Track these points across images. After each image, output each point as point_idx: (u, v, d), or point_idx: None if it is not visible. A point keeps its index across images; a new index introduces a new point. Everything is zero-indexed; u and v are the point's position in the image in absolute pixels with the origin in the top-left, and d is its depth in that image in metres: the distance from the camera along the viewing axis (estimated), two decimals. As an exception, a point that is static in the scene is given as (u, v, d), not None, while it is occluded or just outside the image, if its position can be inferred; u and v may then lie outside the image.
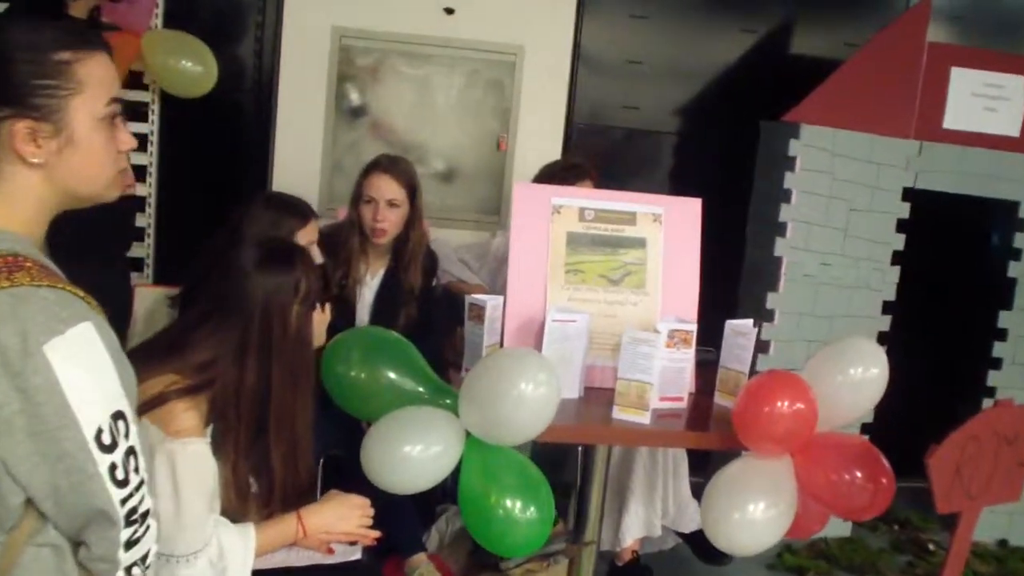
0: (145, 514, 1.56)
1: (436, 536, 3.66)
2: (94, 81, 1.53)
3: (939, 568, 4.26)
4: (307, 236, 2.99)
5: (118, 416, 1.47)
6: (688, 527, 3.74)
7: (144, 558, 1.60)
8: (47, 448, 1.40)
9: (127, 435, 1.49)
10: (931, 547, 4.52)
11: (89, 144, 1.55)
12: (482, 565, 3.34)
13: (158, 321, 3.08)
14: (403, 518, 3.17)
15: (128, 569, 1.57)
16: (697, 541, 3.77)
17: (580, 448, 3.50)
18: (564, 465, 3.71)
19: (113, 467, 1.46)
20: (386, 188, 3.53)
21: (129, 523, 1.52)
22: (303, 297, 2.30)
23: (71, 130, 1.52)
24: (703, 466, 4.09)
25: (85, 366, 1.42)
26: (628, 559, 3.80)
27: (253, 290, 2.24)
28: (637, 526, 3.66)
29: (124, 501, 1.49)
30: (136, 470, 1.51)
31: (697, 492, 3.77)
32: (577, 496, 3.16)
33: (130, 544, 1.54)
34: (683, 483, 3.73)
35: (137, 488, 1.52)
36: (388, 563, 3.19)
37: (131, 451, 1.50)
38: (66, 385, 1.39)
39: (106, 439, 1.45)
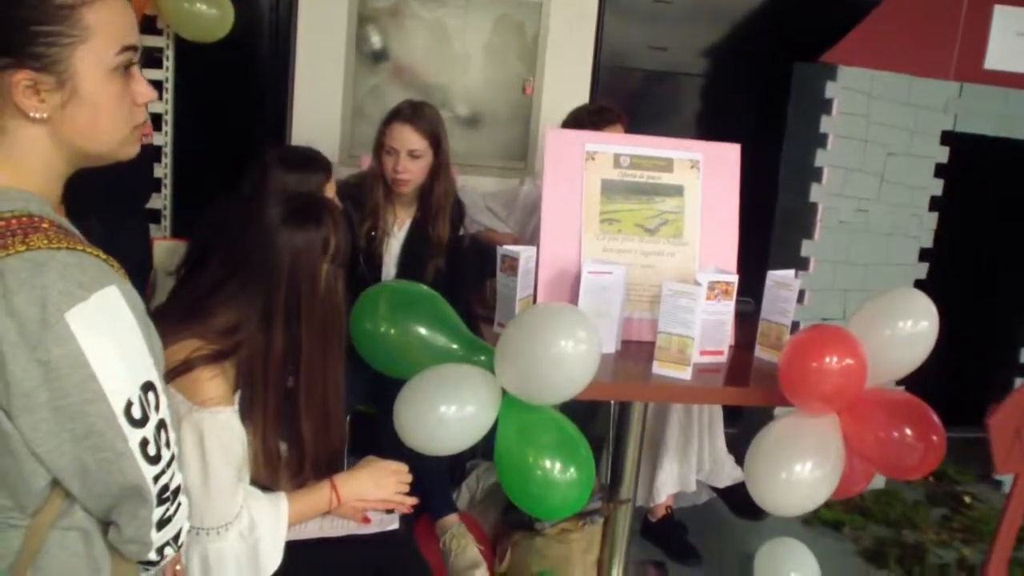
0: (176, 490, 1.47)
1: (466, 493, 3.60)
2: (104, 27, 1.38)
3: (976, 522, 4.24)
4: (331, 190, 2.88)
5: (148, 387, 1.37)
6: (723, 482, 3.67)
7: (176, 537, 1.52)
8: (72, 424, 1.29)
9: (157, 407, 1.39)
10: (967, 500, 4.45)
11: (98, 98, 1.40)
12: (516, 524, 3.28)
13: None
14: (434, 477, 3.10)
15: (160, 549, 1.49)
16: (732, 496, 3.71)
17: (613, 402, 3.42)
18: (594, 418, 3.64)
19: (144, 442, 1.36)
20: (407, 138, 3.40)
21: (161, 501, 1.43)
22: (332, 255, 2.16)
23: (76, 82, 1.38)
24: (736, 418, 4.02)
25: (111, 334, 1.31)
26: (662, 515, 3.74)
27: (279, 248, 2.09)
28: (672, 482, 3.58)
29: (156, 478, 1.40)
30: (167, 444, 1.42)
31: (730, 444, 3.70)
32: (612, 453, 3.08)
33: (162, 523, 1.46)
34: (718, 437, 3.65)
35: (169, 464, 1.43)
36: (418, 524, 3.12)
37: (162, 424, 1.40)
38: (91, 356, 1.28)
39: (136, 413, 1.34)
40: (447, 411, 2.20)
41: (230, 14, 3.99)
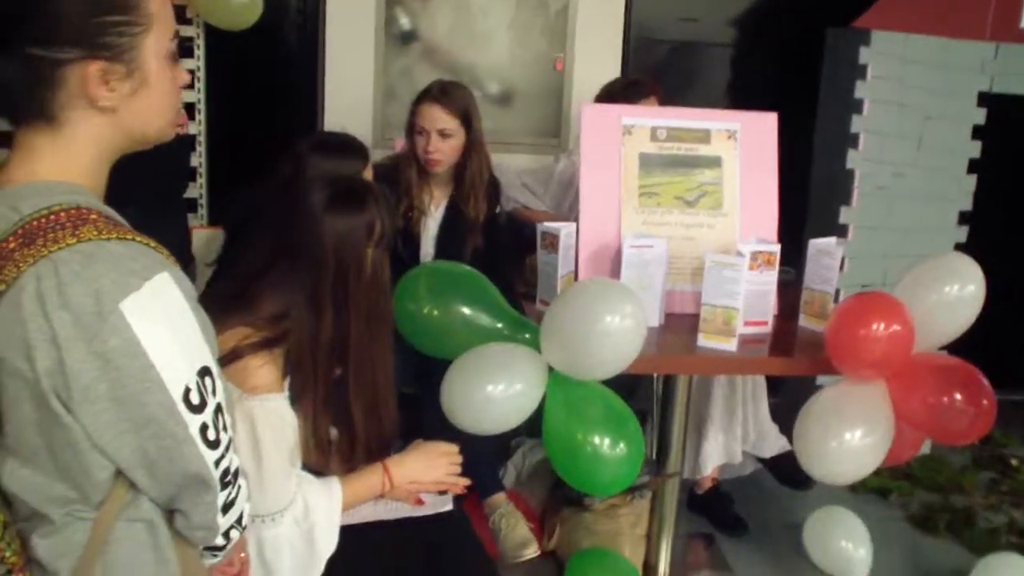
0: (236, 473, 1.48)
1: (512, 471, 3.60)
2: (162, 15, 1.40)
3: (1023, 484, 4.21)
4: (368, 175, 2.88)
5: (205, 372, 1.37)
6: (769, 452, 3.66)
7: (240, 519, 1.53)
8: (132, 414, 1.29)
9: (214, 391, 1.39)
10: (1014, 463, 4.42)
11: (159, 84, 1.42)
12: (564, 500, 3.29)
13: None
14: (480, 457, 3.10)
15: (226, 533, 1.51)
16: (778, 466, 3.70)
17: (655, 375, 3.42)
18: (635, 392, 3.63)
19: (204, 428, 1.36)
20: (437, 117, 3.40)
21: (224, 485, 1.44)
22: (377, 239, 2.13)
23: (144, 70, 1.39)
24: (778, 387, 4.00)
25: (166, 321, 1.31)
26: (708, 487, 3.73)
27: (324, 234, 2.06)
28: (717, 453, 3.57)
29: (217, 462, 1.40)
30: (224, 428, 1.42)
31: (773, 414, 3.69)
32: (657, 427, 3.08)
33: (227, 507, 1.47)
34: (763, 407, 3.63)
35: (228, 447, 1.43)
36: (466, 503, 3.13)
37: (219, 408, 1.40)
38: (147, 344, 1.28)
39: (194, 398, 1.34)
40: (494, 390, 2.21)
41: (259, 1, 3.99)
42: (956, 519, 3.89)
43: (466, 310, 2.41)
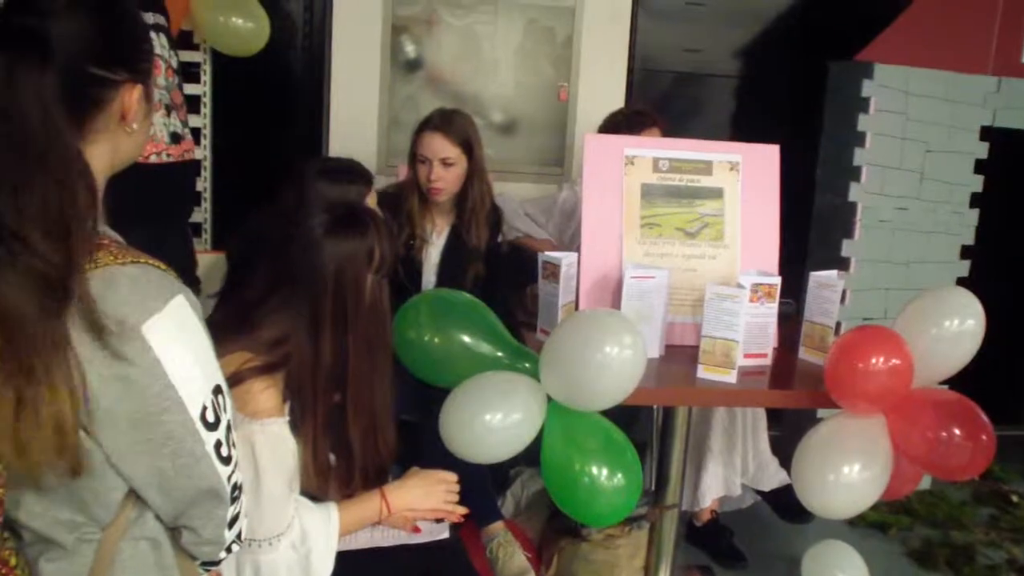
0: (241, 488, 1.51)
1: (511, 501, 3.59)
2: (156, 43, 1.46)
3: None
4: (371, 202, 2.89)
5: (218, 391, 1.40)
6: (768, 485, 3.65)
7: (239, 534, 1.55)
8: (151, 434, 1.31)
9: (226, 409, 1.42)
10: (1014, 499, 4.41)
11: (152, 113, 1.48)
12: (561, 530, 3.28)
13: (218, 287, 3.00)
14: (479, 485, 3.09)
15: (229, 547, 1.53)
16: (777, 499, 3.69)
17: (656, 406, 3.41)
18: (635, 422, 3.62)
19: (218, 444, 1.39)
20: (438, 147, 3.42)
21: (233, 500, 1.46)
22: (377, 266, 2.14)
23: (152, 95, 1.46)
24: (779, 420, 3.99)
25: (184, 342, 1.33)
26: (707, 519, 3.72)
27: (324, 260, 2.07)
28: (717, 485, 3.57)
29: (229, 478, 1.43)
30: (234, 444, 1.45)
31: (773, 446, 3.68)
32: (656, 458, 3.07)
33: (232, 521, 1.49)
34: (762, 439, 3.63)
35: (236, 463, 1.46)
36: (463, 532, 3.12)
37: (230, 425, 1.43)
38: (168, 365, 1.30)
39: (210, 416, 1.37)
40: (493, 419, 2.20)
41: (266, 28, 4.02)
42: (956, 555, 3.88)
43: (466, 338, 2.40)
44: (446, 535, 2.43)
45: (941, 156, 4.28)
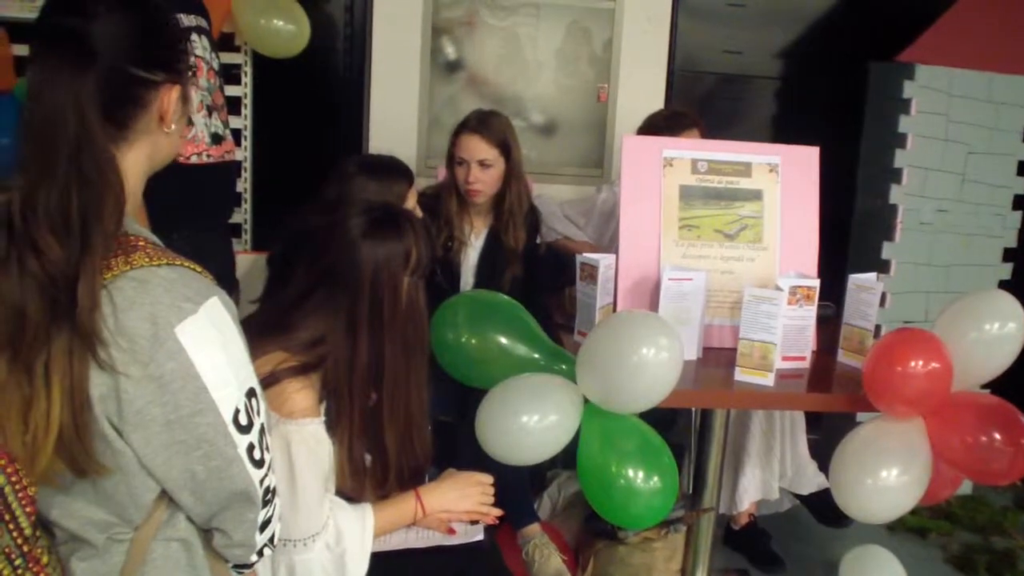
0: (274, 491, 1.51)
1: (548, 503, 3.59)
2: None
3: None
4: (412, 199, 2.90)
5: (251, 394, 1.41)
6: (806, 488, 3.62)
7: (272, 538, 1.55)
8: (184, 436, 1.32)
9: (259, 412, 1.42)
10: (1057, 504, 4.36)
11: (188, 115, 1.50)
12: (598, 533, 3.27)
13: (258, 289, 3.02)
14: (515, 487, 3.10)
15: (260, 551, 1.53)
16: (816, 503, 3.66)
17: (694, 409, 3.40)
18: (673, 425, 3.61)
19: (251, 447, 1.40)
20: (476, 148, 3.42)
21: (264, 503, 1.47)
22: (414, 267, 2.14)
23: (190, 96, 1.48)
24: (817, 423, 3.97)
25: (218, 344, 1.34)
26: (745, 523, 3.71)
27: (361, 261, 2.07)
28: (754, 489, 3.55)
29: (261, 481, 1.44)
30: (267, 448, 1.45)
31: (812, 450, 3.66)
32: (694, 461, 3.07)
33: (264, 525, 1.50)
34: (801, 443, 3.60)
35: (269, 467, 1.46)
36: (500, 533, 3.12)
37: (263, 429, 1.44)
38: (201, 368, 1.31)
39: (243, 420, 1.38)
40: (529, 420, 2.21)
41: (306, 30, 4.04)
42: (996, 561, 3.83)
43: (503, 340, 2.42)
44: (481, 537, 2.42)
45: (983, 158, 4.24)
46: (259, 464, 1.42)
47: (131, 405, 1.28)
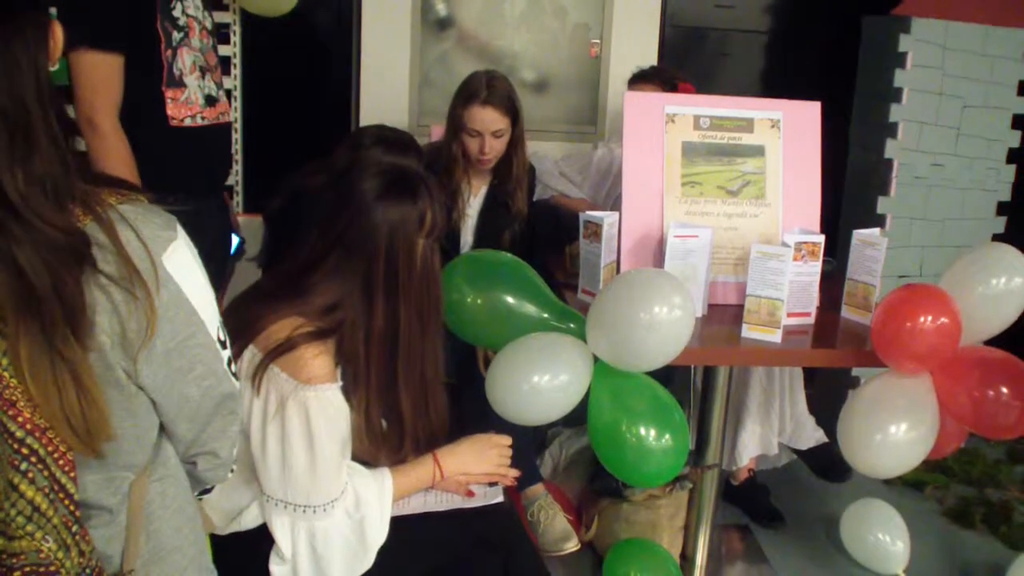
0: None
1: (549, 462, 3.59)
2: None
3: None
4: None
5: (216, 312, 1.44)
6: (805, 444, 3.63)
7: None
8: (182, 361, 1.34)
9: (223, 329, 1.45)
10: (1051, 456, 4.38)
11: None
12: (602, 491, 3.27)
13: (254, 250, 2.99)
14: (519, 447, 3.09)
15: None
16: (814, 458, 3.68)
17: (693, 366, 3.40)
18: (669, 383, 3.61)
19: (229, 361, 1.45)
20: (490, 120, 3.34)
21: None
22: (429, 230, 2.12)
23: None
24: (811, 378, 3.98)
25: (196, 267, 1.37)
26: (744, 478, 3.72)
27: (376, 224, 2.04)
28: (754, 444, 3.56)
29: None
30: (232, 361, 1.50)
31: (808, 405, 3.67)
32: (696, 418, 3.07)
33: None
34: (799, 398, 3.61)
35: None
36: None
37: (226, 343, 1.47)
38: (188, 291, 1.33)
39: (222, 335, 1.42)
40: (540, 380, 2.20)
41: (296, -12, 3.98)
42: (992, 513, 3.86)
43: (510, 299, 2.40)
44: (500, 499, 2.41)
45: (978, 111, 4.22)
46: (236, 376, 1.47)
47: (136, 339, 1.27)
